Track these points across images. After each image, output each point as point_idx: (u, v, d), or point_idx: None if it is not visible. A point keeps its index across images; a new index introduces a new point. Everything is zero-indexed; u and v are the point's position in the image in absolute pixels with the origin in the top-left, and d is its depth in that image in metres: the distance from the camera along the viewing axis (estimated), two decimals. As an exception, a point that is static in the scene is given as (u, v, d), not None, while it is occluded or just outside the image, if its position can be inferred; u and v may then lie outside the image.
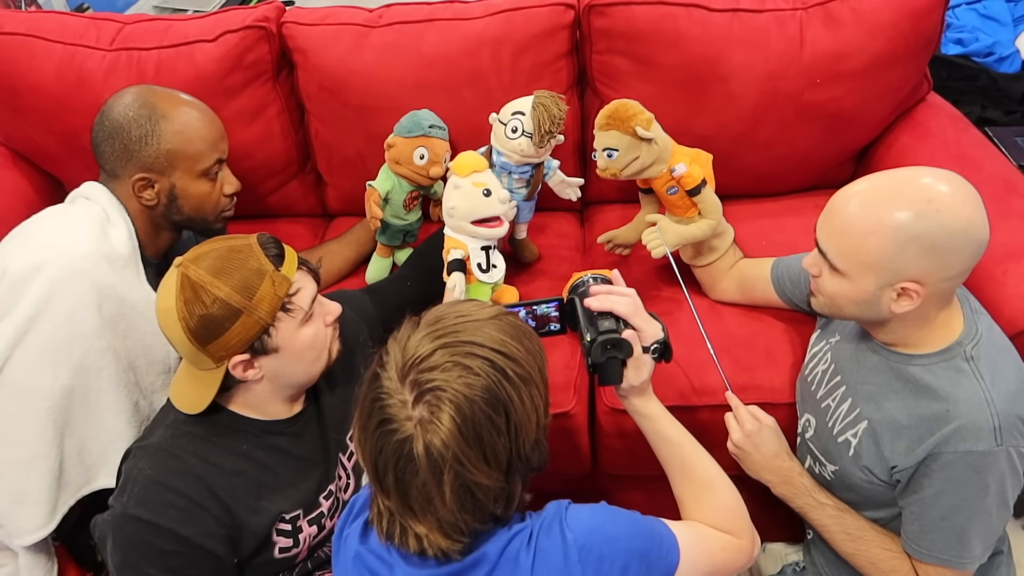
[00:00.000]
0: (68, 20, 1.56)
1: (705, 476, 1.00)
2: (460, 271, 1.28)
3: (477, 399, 0.76)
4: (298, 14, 1.55)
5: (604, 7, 1.45)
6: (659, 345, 1.01)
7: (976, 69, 2.22)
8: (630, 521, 0.87)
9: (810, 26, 1.43)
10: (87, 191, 1.25)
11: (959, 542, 1.00)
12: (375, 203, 1.40)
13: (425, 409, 0.76)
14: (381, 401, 0.78)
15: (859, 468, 1.06)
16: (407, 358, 0.78)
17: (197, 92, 1.33)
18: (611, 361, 0.99)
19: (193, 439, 1.02)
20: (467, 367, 0.77)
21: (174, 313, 0.95)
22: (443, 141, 1.44)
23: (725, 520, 0.97)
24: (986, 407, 0.94)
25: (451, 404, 0.75)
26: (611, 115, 1.23)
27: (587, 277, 1.08)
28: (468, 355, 0.77)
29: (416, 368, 0.77)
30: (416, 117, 1.43)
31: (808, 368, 1.20)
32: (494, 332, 0.80)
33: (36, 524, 1.19)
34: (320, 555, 1.14)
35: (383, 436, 0.77)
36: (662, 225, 1.27)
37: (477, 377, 0.76)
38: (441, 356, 0.77)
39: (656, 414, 1.03)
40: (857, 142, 1.59)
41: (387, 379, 0.79)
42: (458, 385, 0.76)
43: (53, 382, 1.14)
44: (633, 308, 1.00)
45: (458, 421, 0.75)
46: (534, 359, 0.82)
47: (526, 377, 0.80)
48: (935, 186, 0.92)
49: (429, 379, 0.76)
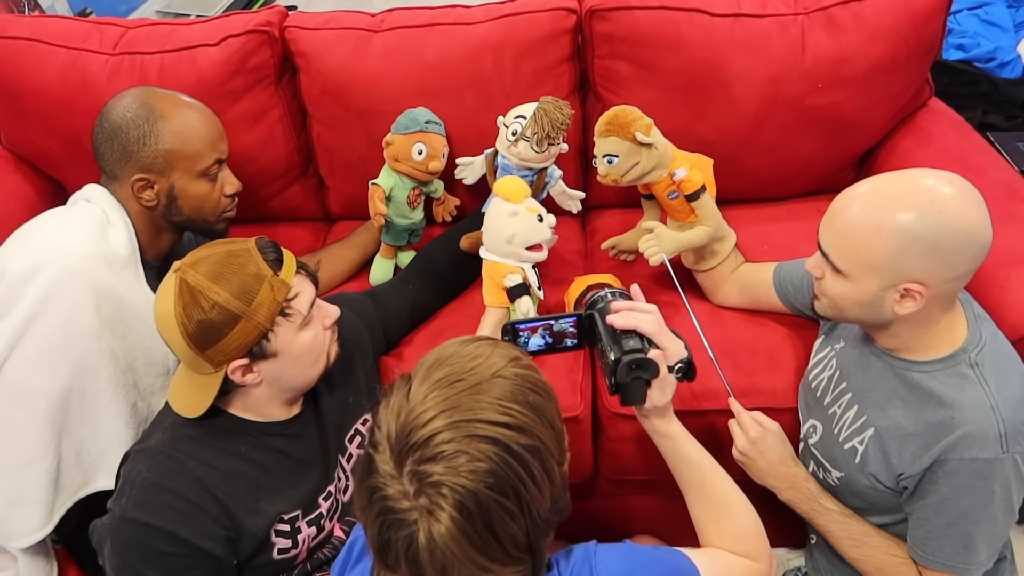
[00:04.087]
0: (71, 24, 1.56)
1: (724, 497, 0.97)
2: (526, 295, 1.26)
3: (482, 487, 0.68)
4: (300, 19, 1.56)
5: (606, 12, 1.45)
6: (683, 364, 0.98)
7: (977, 74, 2.22)
8: (655, 560, 0.85)
9: (812, 31, 1.44)
10: (88, 193, 1.26)
11: (965, 548, 0.99)
12: (379, 200, 1.40)
13: (427, 501, 0.68)
14: (380, 491, 0.70)
15: (865, 475, 1.05)
16: (402, 442, 0.69)
17: (199, 96, 1.33)
18: (636, 382, 0.95)
19: (191, 441, 1.02)
20: (468, 453, 0.68)
21: (172, 318, 0.95)
22: (440, 136, 1.45)
23: (744, 544, 0.95)
24: (991, 414, 0.94)
25: (454, 499, 0.67)
26: (610, 121, 1.23)
27: (606, 292, 1.05)
28: (468, 437, 0.68)
29: (412, 457, 0.69)
30: (412, 114, 1.44)
31: (813, 374, 1.20)
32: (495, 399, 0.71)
33: (33, 526, 1.18)
34: (319, 556, 1.13)
35: (386, 525, 0.70)
36: (659, 233, 1.27)
37: (480, 463, 0.68)
38: (440, 442, 0.68)
39: (678, 435, 0.99)
40: (859, 147, 1.59)
41: (382, 463, 0.70)
42: (461, 477, 0.67)
43: (51, 383, 1.14)
44: (658, 326, 0.97)
45: (461, 520, 0.67)
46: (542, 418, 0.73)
47: (533, 446, 0.71)
48: (938, 188, 0.91)
49: (428, 472, 0.68)
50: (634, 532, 1.40)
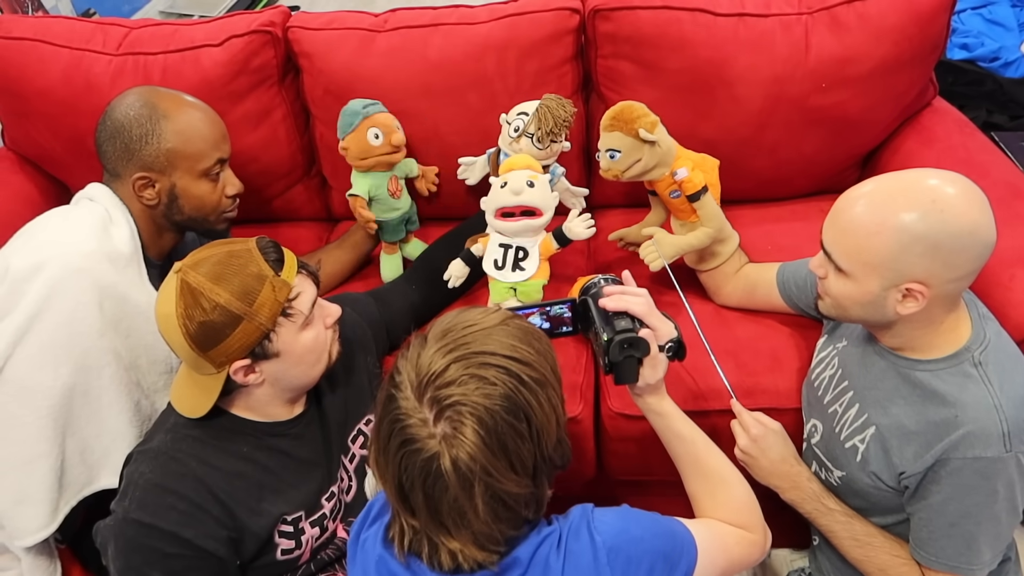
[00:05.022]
0: (75, 25, 1.57)
1: (718, 472, 1.01)
2: (463, 262, 1.31)
3: (498, 409, 0.75)
4: (304, 19, 1.56)
5: (609, 11, 1.45)
6: (673, 343, 1.02)
7: (982, 74, 2.21)
8: (652, 522, 0.89)
9: (816, 30, 1.43)
10: (90, 192, 1.26)
11: (968, 548, 0.99)
12: (362, 208, 1.40)
13: (447, 425, 0.75)
14: (401, 422, 0.77)
15: (866, 474, 1.05)
16: (421, 375, 0.77)
17: (203, 96, 1.33)
18: (628, 360, 1.00)
19: (193, 442, 1.02)
20: (483, 378, 0.76)
21: (174, 319, 0.95)
22: (384, 112, 1.43)
23: (738, 515, 0.99)
24: (995, 413, 0.93)
25: (473, 417, 0.74)
26: (616, 116, 1.23)
27: (598, 279, 1.08)
28: (483, 365, 0.76)
29: (432, 385, 0.76)
30: (348, 110, 1.42)
31: (815, 373, 1.20)
32: (504, 338, 0.80)
33: (37, 525, 1.18)
34: (323, 557, 1.13)
35: (407, 456, 0.76)
36: (658, 239, 1.27)
37: (494, 387, 0.76)
38: (456, 370, 0.76)
39: (670, 412, 1.04)
40: (863, 147, 1.59)
41: (403, 399, 0.77)
42: (477, 397, 0.75)
43: (54, 381, 1.14)
44: (648, 307, 1.01)
45: (482, 433, 0.74)
46: (546, 360, 0.82)
47: (541, 380, 0.79)
48: (941, 187, 0.91)
49: (447, 395, 0.75)
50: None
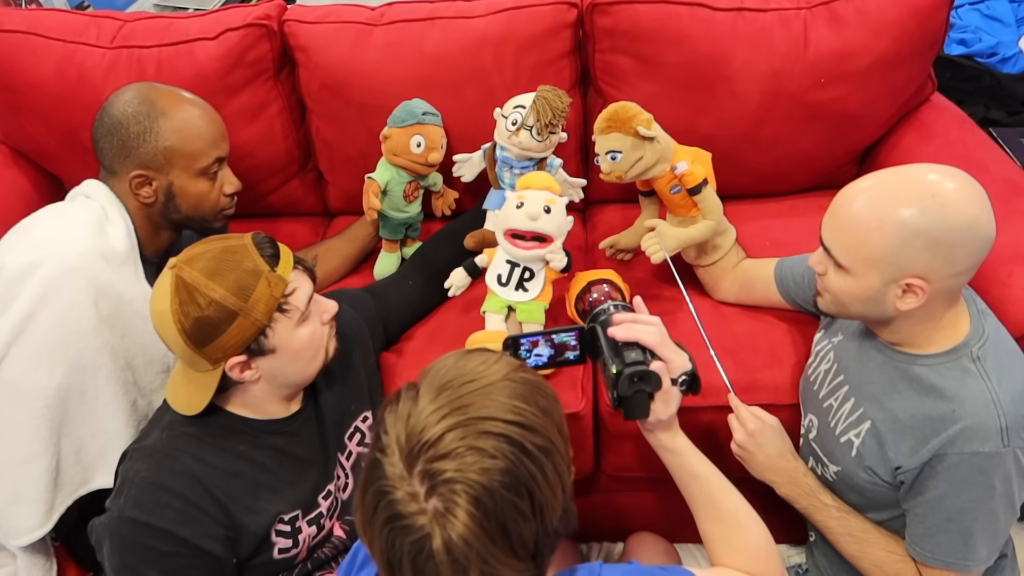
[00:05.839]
0: (68, 18, 1.55)
1: (733, 513, 0.94)
2: (467, 273, 1.29)
3: (496, 486, 0.66)
4: (299, 12, 1.55)
5: (607, 6, 1.44)
6: (687, 377, 0.97)
7: (980, 70, 2.21)
8: None
9: (814, 25, 1.43)
10: (86, 189, 1.25)
11: (964, 545, 0.99)
12: (373, 194, 1.40)
13: (440, 502, 0.66)
14: (388, 495, 0.67)
15: (862, 469, 1.05)
16: (412, 441, 0.68)
17: (198, 90, 1.32)
18: (639, 394, 0.93)
19: (189, 440, 1.01)
20: (482, 450, 0.66)
21: (169, 316, 0.94)
22: (438, 127, 1.44)
23: (754, 562, 0.91)
24: (993, 408, 0.94)
25: (469, 496, 0.65)
26: (611, 117, 1.22)
27: (608, 305, 1.05)
28: (482, 434, 0.67)
29: (424, 456, 0.67)
30: (409, 106, 1.43)
31: (811, 368, 1.20)
32: (506, 398, 0.70)
33: (32, 524, 1.18)
34: (319, 556, 1.13)
35: (394, 532, 0.67)
36: (660, 230, 1.26)
37: (494, 460, 0.66)
38: (452, 440, 0.67)
39: (683, 449, 0.97)
40: (861, 142, 1.59)
41: (390, 466, 0.68)
42: (474, 474, 0.66)
43: (49, 380, 1.13)
44: (660, 338, 0.95)
45: (479, 515, 0.65)
46: (552, 420, 0.73)
47: (546, 447, 0.70)
48: (940, 182, 0.91)
49: (441, 469, 0.66)
50: (634, 528, 1.40)
